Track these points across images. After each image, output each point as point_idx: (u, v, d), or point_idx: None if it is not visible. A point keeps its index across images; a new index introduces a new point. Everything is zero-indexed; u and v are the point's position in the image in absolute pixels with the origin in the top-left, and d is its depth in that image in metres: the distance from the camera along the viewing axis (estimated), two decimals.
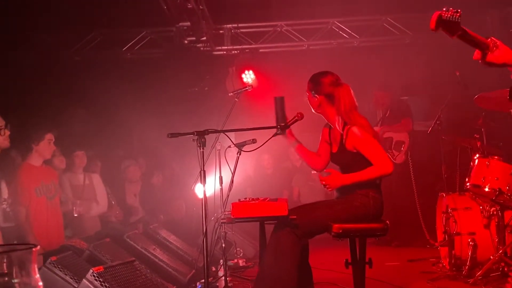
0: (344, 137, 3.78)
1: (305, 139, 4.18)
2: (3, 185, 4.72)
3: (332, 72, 3.95)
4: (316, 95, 3.88)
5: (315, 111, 3.96)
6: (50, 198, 5.02)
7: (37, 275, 1.06)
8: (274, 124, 3.93)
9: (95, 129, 7.31)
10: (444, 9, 2.18)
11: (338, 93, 3.80)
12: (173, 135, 3.80)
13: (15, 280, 1.03)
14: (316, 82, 3.90)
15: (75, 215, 5.60)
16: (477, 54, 2.37)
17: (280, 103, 3.97)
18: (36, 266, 1.08)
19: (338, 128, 3.85)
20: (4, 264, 1.04)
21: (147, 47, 8.36)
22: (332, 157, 3.98)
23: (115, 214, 6.32)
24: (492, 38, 2.34)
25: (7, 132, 4.46)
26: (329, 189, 3.77)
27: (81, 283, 3.52)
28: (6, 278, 1.04)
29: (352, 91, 3.86)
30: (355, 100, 3.84)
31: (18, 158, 5.15)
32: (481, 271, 4.54)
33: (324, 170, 4.19)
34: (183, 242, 6.00)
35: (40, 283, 1.09)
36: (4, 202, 4.63)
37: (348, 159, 3.80)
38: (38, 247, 1.10)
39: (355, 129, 3.71)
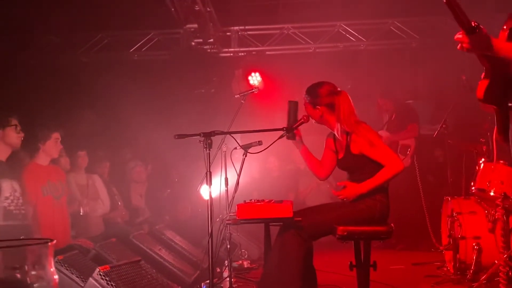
0: (349, 142, 3.81)
1: (310, 142, 4.20)
2: (6, 184, 4.73)
3: (328, 81, 3.98)
4: (317, 107, 3.90)
5: (317, 122, 3.98)
6: (56, 197, 5.04)
7: (53, 268, 1.08)
8: (281, 126, 3.96)
9: (101, 130, 7.35)
10: None
11: (338, 100, 3.84)
12: (179, 136, 3.83)
13: (32, 273, 1.06)
14: (314, 95, 3.92)
15: (81, 213, 5.63)
16: (462, 32, 2.37)
17: (293, 107, 3.99)
18: (52, 259, 1.10)
19: (337, 135, 3.89)
20: (21, 258, 1.07)
21: (154, 49, 8.40)
22: (339, 163, 4.00)
23: (121, 215, 6.34)
24: (475, 21, 2.34)
25: (22, 134, 4.51)
26: (347, 201, 3.78)
27: (88, 282, 3.55)
28: (23, 271, 1.06)
29: (350, 97, 3.89)
30: (353, 106, 3.87)
31: (26, 158, 5.18)
32: (486, 275, 4.54)
33: (327, 179, 4.23)
34: (188, 243, 6.03)
35: (56, 276, 1.12)
36: (6, 201, 4.64)
37: (354, 163, 3.83)
38: (55, 241, 1.12)
39: (359, 135, 3.75)
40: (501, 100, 2.63)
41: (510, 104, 2.61)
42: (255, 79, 8.32)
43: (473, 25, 2.30)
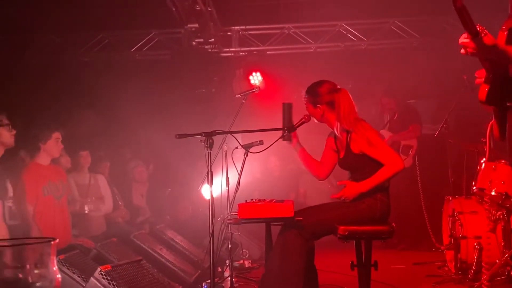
0: (349, 141, 3.81)
1: (311, 142, 4.20)
2: (9, 184, 4.76)
3: (327, 80, 3.98)
4: (318, 106, 3.90)
5: (319, 121, 3.98)
6: (57, 197, 5.04)
7: (55, 267, 1.08)
8: (282, 126, 3.96)
9: (102, 130, 7.35)
10: None
11: (338, 98, 3.84)
12: (181, 136, 3.83)
13: (35, 272, 1.06)
14: (314, 94, 3.92)
15: (86, 211, 5.63)
16: (467, 37, 2.37)
17: (288, 110, 4.00)
18: (54, 258, 1.11)
19: (337, 133, 3.88)
20: (24, 256, 1.07)
21: (155, 49, 8.40)
22: (340, 163, 3.99)
23: (122, 214, 6.35)
24: (480, 25, 2.35)
25: (14, 131, 4.50)
26: (348, 200, 3.76)
27: (89, 281, 3.55)
28: (25, 270, 1.06)
29: (350, 95, 3.88)
30: (353, 103, 3.86)
31: (27, 158, 5.19)
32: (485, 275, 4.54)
33: (327, 178, 4.23)
34: (189, 243, 6.03)
35: (58, 275, 1.12)
36: (10, 200, 4.66)
37: (355, 162, 3.82)
38: (57, 240, 1.12)
39: (358, 133, 3.75)
40: (501, 100, 2.64)
41: (508, 104, 2.62)
42: (256, 78, 8.32)
43: (479, 29, 2.31)
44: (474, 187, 4.83)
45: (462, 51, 2.44)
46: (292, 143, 4.07)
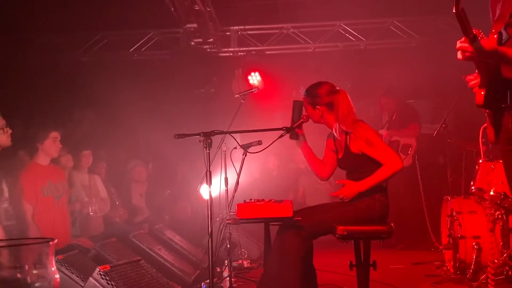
0: (348, 141, 3.82)
1: (310, 142, 4.19)
2: (5, 185, 4.74)
3: (326, 81, 3.98)
4: (317, 107, 3.90)
5: (316, 122, 3.98)
6: (57, 197, 5.04)
7: (54, 268, 1.09)
8: (280, 126, 3.96)
9: (101, 130, 7.35)
10: None
11: (337, 99, 3.85)
12: (179, 136, 3.83)
13: (33, 272, 1.06)
14: (313, 95, 3.93)
15: (91, 213, 5.64)
16: (465, 41, 2.38)
17: (298, 107, 4.00)
18: (53, 259, 1.11)
19: (335, 134, 3.88)
20: (22, 257, 1.07)
21: (154, 49, 8.39)
22: (339, 163, 4.00)
23: (119, 214, 6.35)
24: (476, 29, 2.37)
25: (9, 130, 4.48)
26: (346, 200, 3.76)
27: (88, 281, 3.55)
28: (23, 271, 1.06)
29: (349, 96, 3.89)
30: (352, 105, 3.87)
31: (26, 158, 5.18)
32: (485, 274, 4.54)
33: (329, 179, 4.24)
34: (188, 243, 6.03)
35: (57, 276, 1.12)
36: (6, 201, 4.65)
37: (354, 162, 3.83)
38: (56, 240, 1.12)
39: (357, 134, 3.75)
40: (495, 102, 2.65)
41: (503, 106, 2.63)
42: (254, 78, 8.33)
43: (475, 33, 2.33)
44: (473, 187, 4.83)
45: (459, 56, 2.45)
46: (299, 142, 4.07)
